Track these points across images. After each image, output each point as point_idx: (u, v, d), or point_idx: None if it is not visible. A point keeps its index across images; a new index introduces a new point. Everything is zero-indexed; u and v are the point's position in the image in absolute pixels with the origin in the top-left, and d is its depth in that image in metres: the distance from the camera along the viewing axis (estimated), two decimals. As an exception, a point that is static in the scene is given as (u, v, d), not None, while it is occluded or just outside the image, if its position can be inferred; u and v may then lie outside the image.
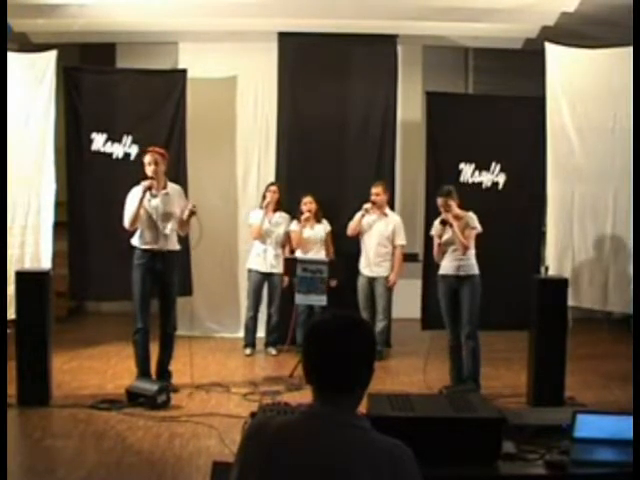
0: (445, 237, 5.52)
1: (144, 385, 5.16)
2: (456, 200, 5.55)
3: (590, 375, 6.07)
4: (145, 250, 5.35)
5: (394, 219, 6.70)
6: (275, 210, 6.77)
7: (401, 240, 6.68)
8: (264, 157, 7.46)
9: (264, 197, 6.79)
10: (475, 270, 5.51)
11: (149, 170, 5.34)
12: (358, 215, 6.54)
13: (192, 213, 5.38)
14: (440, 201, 5.54)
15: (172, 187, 5.50)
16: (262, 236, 6.72)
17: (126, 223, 5.31)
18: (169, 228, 5.42)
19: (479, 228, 5.52)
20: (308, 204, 6.72)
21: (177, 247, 5.55)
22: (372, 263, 6.56)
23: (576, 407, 4.71)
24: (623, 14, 5.85)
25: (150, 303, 5.46)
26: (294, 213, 6.82)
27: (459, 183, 6.64)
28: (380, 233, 6.60)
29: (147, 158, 5.38)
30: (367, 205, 6.48)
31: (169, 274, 5.48)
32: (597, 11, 6.40)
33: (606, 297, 6.27)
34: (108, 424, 4.73)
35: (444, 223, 5.47)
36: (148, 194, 5.29)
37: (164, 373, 5.53)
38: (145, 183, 5.28)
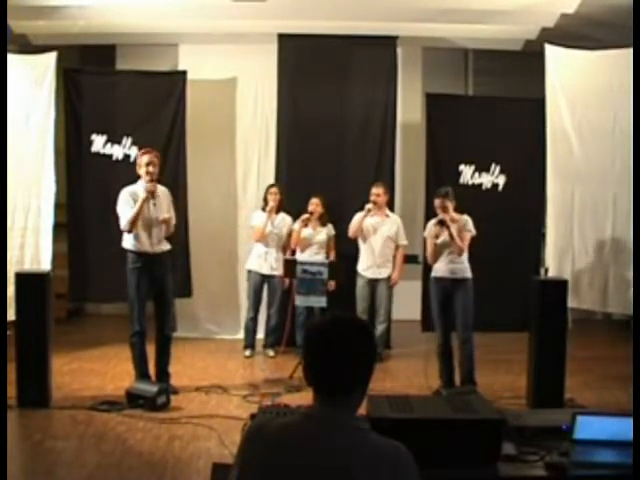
0: (441, 239, 5.47)
1: (144, 387, 5.15)
2: (453, 202, 5.51)
3: (590, 376, 6.06)
4: (141, 253, 5.35)
5: (396, 220, 6.71)
6: (277, 212, 6.77)
7: (403, 240, 6.69)
8: (264, 158, 7.47)
9: (265, 200, 6.77)
10: (469, 273, 5.48)
11: (146, 171, 5.31)
12: (360, 216, 6.52)
13: (165, 222, 5.38)
14: (437, 202, 5.49)
15: (160, 189, 5.49)
16: (265, 238, 6.72)
17: (125, 227, 5.28)
18: (161, 230, 5.43)
19: (474, 231, 5.49)
20: (313, 205, 6.71)
21: (168, 247, 5.55)
22: (376, 265, 6.56)
23: (576, 408, 4.69)
24: (623, 15, 5.85)
25: (146, 305, 5.47)
26: (293, 214, 6.81)
27: (459, 184, 6.66)
28: (385, 235, 6.59)
29: (145, 159, 5.35)
30: (369, 205, 6.46)
31: (165, 275, 5.48)
32: (597, 12, 6.40)
33: (606, 298, 6.26)
34: (108, 426, 4.73)
35: (442, 224, 5.42)
36: (151, 199, 5.29)
37: (163, 375, 5.53)
38: (149, 188, 5.27)
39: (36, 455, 4.24)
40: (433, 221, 5.56)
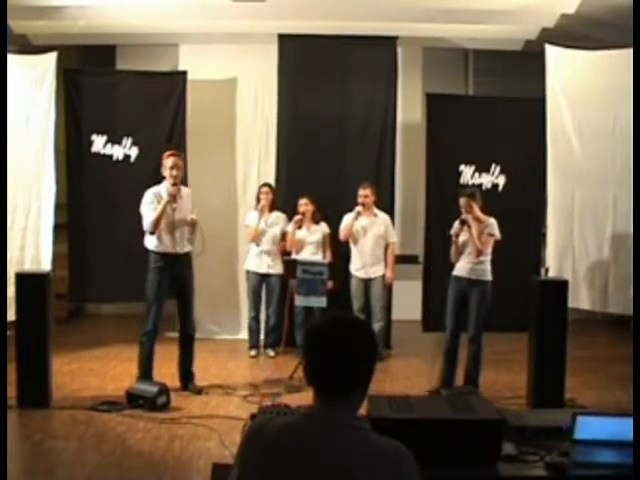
0: (462, 238, 5.48)
1: (144, 387, 5.16)
2: (479, 203, 5.49)
3: (590, 376, 6.07)
4: (163, 254, 5.36)
5: (384, 218, 6.70)
6: (271, 210, 6.77)
7: (393, 237, 6.70)
8: (264, 158, 7.47)
9: (258, 199, 6.79)
10: (488, 276, 5.46)
11: (171, 174, 5.32)
12: (350, 219, 6.52)
13: (193, 223, 5.46)
14: (462, 201, 5.48)
15: (184, 191, 5.51)
16: (258, 237, 6.72)
17: (148, 228, 5.30)
18: (185, 231, 5.45)
19: (498, 236, 5.47)
20: (303, 206, 6.72)
21: (190, 249, 5.59)
22: (368, 265, 6.57)
23: (576, 408, 4.69)
24: (623, 15, 5.85)
25: (163, 306, 5.47)
26: (293, 214, 6.81)
27: (459, 185, 6.65)
28: (375, 234, 6.60)
29: (170, 162, 5.35)
30: (359, 208, 6.48)
31: (187, 276, 5.54)
32: (597, 13, 6.40)
33: (606, 298, 6.27)
34: (108, 426, 4.73)
35: (463, 223, 5.44)
36: (173, 202, 5.32)
37: (188, 375, 5.57)
38: (171, 191, 5.30)
39: (36, 455, 4.24)
40: (458, 220, 5.56)
